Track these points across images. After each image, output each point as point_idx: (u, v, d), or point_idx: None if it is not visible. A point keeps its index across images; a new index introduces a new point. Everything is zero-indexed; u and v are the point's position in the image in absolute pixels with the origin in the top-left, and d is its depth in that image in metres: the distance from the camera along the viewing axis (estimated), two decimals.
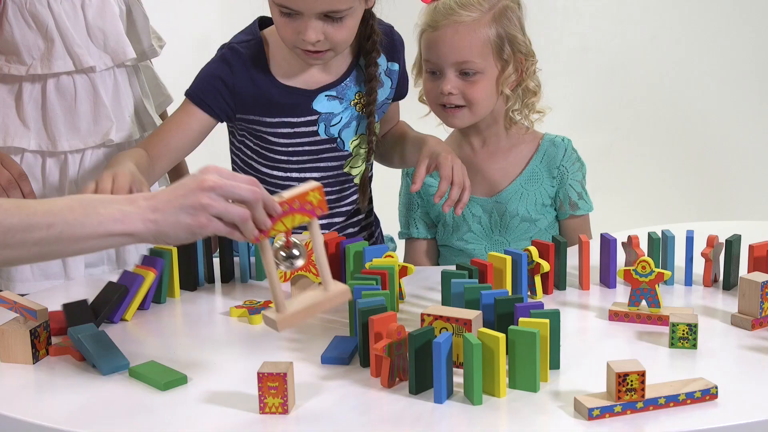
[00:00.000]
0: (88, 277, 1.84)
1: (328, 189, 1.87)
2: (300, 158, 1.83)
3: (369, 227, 1.99)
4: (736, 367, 1.40)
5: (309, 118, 1.80)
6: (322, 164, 1.84)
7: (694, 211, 3.52)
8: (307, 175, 1.84)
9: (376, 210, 2.04)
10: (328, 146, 1.83)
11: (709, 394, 1.27)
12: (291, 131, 1.80)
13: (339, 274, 1.70)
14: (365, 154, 1.86)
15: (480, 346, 1.26)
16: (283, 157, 1.82)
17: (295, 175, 1.84)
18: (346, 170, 1.86)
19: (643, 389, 1.24)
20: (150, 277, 1.59)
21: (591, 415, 1.23)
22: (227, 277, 1.76)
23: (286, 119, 1.79)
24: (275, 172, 1.83)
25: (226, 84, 1.77)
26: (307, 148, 1.82)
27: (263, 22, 1.83)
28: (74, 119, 1.78)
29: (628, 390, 1.24)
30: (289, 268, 1.32)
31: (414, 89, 1.98)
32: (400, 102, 2.00)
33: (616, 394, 1.24)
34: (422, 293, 1.68)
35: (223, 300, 1.66)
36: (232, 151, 1.91)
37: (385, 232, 2.06)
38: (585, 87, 3.62)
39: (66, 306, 1.51)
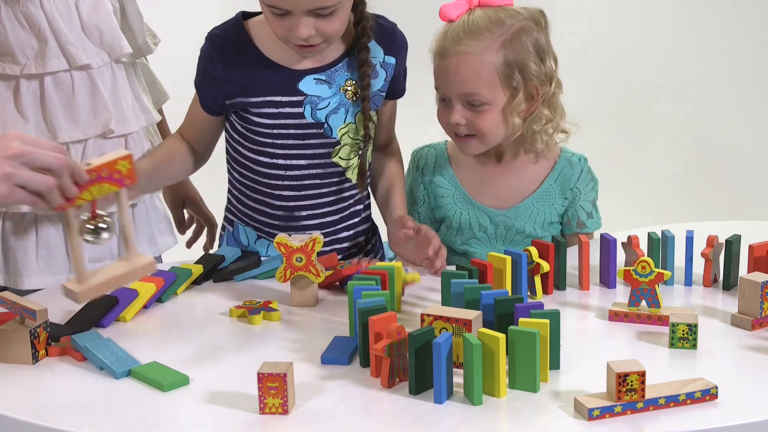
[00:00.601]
0: None
1: (318, 181, 1.85)
2: (285, 142, 1.81)
3: (366, 233, 1.97)
4: (736, 367, 1.40)
5: (294, 98, 1.79)
6: (308, 151, 1.83)
7: (694, 211, 3.52)
8: (294, 162, 1.82)
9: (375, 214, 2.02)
10: (314, 131, 1.82)
11: (709, 395, 1.27)
12: (276, 111, 1.79)
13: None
14: (355, 144, 1.85)
15: (480, 346, 1.26)
16: (267, 140, 1.81)
17: (281, 161, 1.82)
18: (334, 159, 1.85)
19: (643, 389, 1.24)
20: (150, 288, 1.59)
21: (591, 415, 1.23)
22: (227, 276, 1.76)
23: (270, 98, 1.79)
24: (260, 158, 1.82)
25: (214, 77, 1.78)
26: (292, 131, 1.81)
27: (246, 16, 1.85)
28: (73, 111, 1.78)
29: (628, 390, 1.24)
30: (95, 242, 1.31)
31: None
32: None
33: (616, 394, 1.24)
34: (422, 293, 1.68)
35: (223, 300, 1.66)
36: (225, 138, 1.91)
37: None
38: (585, 87, 3.61)
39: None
